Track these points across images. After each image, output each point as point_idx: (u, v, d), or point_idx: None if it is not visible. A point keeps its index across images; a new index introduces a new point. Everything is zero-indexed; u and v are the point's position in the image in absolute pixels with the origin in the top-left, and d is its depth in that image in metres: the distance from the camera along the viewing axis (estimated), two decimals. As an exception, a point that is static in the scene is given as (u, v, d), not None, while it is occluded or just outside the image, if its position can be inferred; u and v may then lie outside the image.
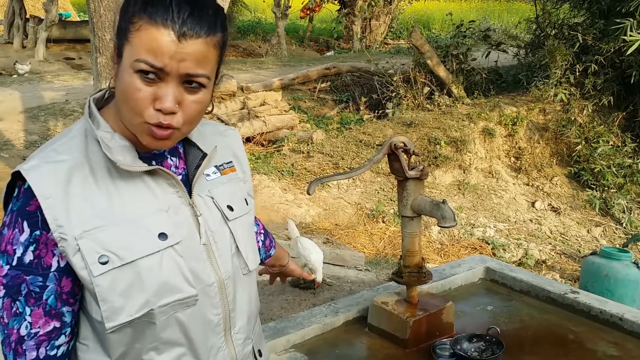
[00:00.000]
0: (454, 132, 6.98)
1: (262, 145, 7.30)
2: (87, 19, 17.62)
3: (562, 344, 2.37)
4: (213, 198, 1.15)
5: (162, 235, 1.05)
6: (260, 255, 1.59)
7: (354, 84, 9.92)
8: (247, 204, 1.23)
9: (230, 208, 1.17)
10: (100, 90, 1.13)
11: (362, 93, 9.42)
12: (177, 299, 1.06)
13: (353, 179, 6.19)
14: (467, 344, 2.28)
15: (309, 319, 2.40)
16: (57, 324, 1.03)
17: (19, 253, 0.99)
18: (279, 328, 2.30)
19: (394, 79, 8.36)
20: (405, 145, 2.19)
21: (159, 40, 0.96)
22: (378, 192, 6.15)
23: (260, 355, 1.30)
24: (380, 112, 8.19)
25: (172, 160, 1.14)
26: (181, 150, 1.17)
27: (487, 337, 2.28)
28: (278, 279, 1.84)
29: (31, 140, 7.06)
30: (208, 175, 1.16)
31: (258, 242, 1.61)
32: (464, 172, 6.83)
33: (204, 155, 1.15)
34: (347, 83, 9.97)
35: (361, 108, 8.35)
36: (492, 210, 6.40)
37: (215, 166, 1.19)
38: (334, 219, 5.53)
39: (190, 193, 1.12)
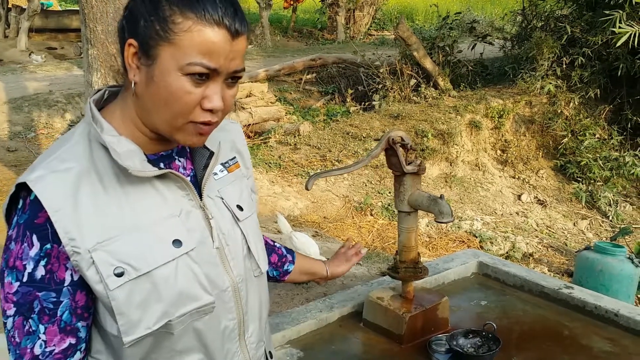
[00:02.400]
0: (441, 124, 6.97)
1: (249, 137, 7.23)
2: (68, 8, 17.37)
3: (557, 339, 2.36)
4: (222, 198, 1.11)
5: (177, 242, 1.00)
6: (269, 273, 1.54)
7: (339, 75, 9.87)
8: (252, 201, 1.19)
9: (240, 208, 1.13)
10: (98, 91, 1.07)
11: (348, 85, 9.37)
12: (194, 307, 1.02)
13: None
14: (463, 340, 2.26)
15: (304, 315, 2.37)
16: (73, 341, 0.99)
17: (29, 268, 0.94)
18: (274, 323, 2.27)
19: (381, 70, 8.32)
20: (403, 139, 2.16)
21: (215, 41, 0.92)
22: (366, 185, 6.13)
23: (272, 357, 1.27)
24: (366, 104, 8.15)
25: (179, 161, 1.09)
26: (187, 150, 1.12)
27: (484, 333, 2.27)
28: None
29: (15, 131, 6.94)
30: (215, 174, 1.11)
31: None
32: (450, 165, 6.83)
33: (211, 153, 1.10)
34: (332, 74, 9.92)
35: (347, 100, 8.31)
36: (478, 203, 6.41)
37: (221, 164, 1.14)
38: (322, 212, 5.50)
39: (200, 195, 1.08)
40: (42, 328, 0.95)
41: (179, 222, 1.02)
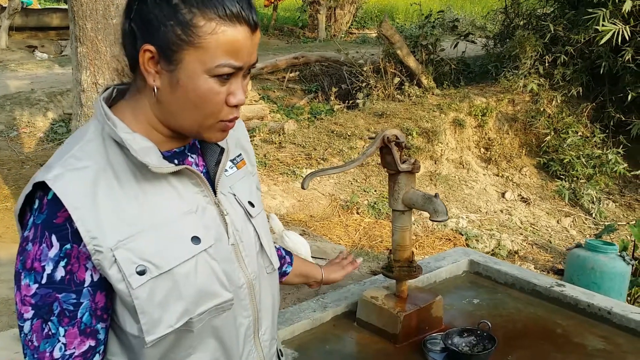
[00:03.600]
0: (425, 122, 6.99)
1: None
2: (48, 7, 17.14)
3: (551, 338, 2.36)
4: (235, 195, 1.10)
5: (195, 239, 0.98)
6: None
7: (322, 73, 9.85)
8: (260, 198, 1.19)
9: (252, 204, 1.12)
10: (107, 89, 1.05)
11: (331, 83, 9.36)
12: (214, 304, 1.00)
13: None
14: (458, 339, 2.26)
15: (297, 314, 2.36)
16: (93, 343, 0.96)
17: (48, 270, 0.91)
18: (267, 325, 2.24)
19: (364, 69, 8.32)
20: (397, 138, 2.15)
21: (239, 38, 0.92)
22: (351, 184, 6.12)
23: (282, 355, 1.26)
24: (350, 102, 8.14)
25: (192, 157, 1.07)
26: (198, 146, 1.10)
27: (478, 332, 2.27)
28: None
29: (-3, 130, 6.84)
30: (226, 170, 1.10)
31: None
32: (435, 163, 6.85)
33: (222, 149, 1.08)
34: (315, 73, 9.89)
35: (331, 98, 8.30)
36: (463, 201, 6.43)
37: (230, 160, 1.13)
38: (309, 211, 5.48)
39: (214, 191, 1.06)
40: (62, 331, 0.93)
41: (196, 218, 1.01)
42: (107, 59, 3.08)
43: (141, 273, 0.93)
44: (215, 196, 1.05)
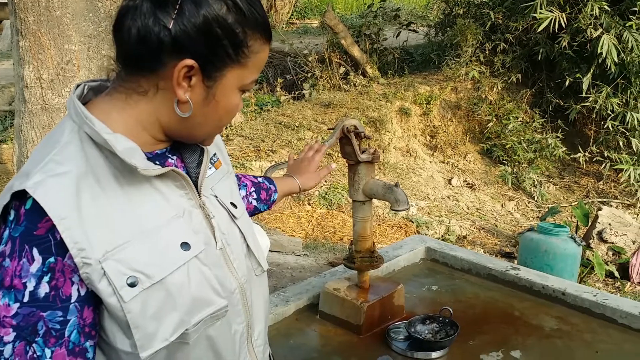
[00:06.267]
0: (372, 112, 7.03)
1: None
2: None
3: (509, 321, 2.41)
4: (217, 196, 1.05)
5: (185, 245, 0.93)
6: (262, 208, 1.66)
7: (266, 64, 9.75)
8: (241, 198, 1.15)
9: (234, 205, 1.07)
10: (78, 86, 0.98)
11: (276, 74, 9.29)
12: (209, 313, 0.96)
13: (272, 162, 6.10)
14: (421, 326, 2.28)
15: (260, 311, 2.32)
16: None
17: (30, 287, 0.83)
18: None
19: (309, 59, 8.29)
20: (356, 128, 2.15)
21: (266, 55, 0.96)
22: (301, 175, 6.09)
23: (273, 359, 1.23)
24: (296, 93, 8.11)
25: (172, 159, 1.02)
26: (177, 147, 1.05)
27: (440, 318, 2.29)
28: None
29: None
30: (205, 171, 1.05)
31: (251, 203, 1.61)
32: (383, 152, 6.90)
33: (202, 150, 1.04)
34: (259, 64, 9.80)
35: (277, 89, 8.24)
36: (412, 189, 6.51)
37: (209, 160, 1.08)
38: (260, 204, 5.43)
39: (198, 193, 1.01)
40: (48, 352, 0.85)
41: (184, 223, 0.96)
42: (51, 52, 2.94)
43: (132, 285, 0.87)
44: (200, 199, 1.01)
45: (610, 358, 2.16)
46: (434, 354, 2.15)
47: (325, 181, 5.99)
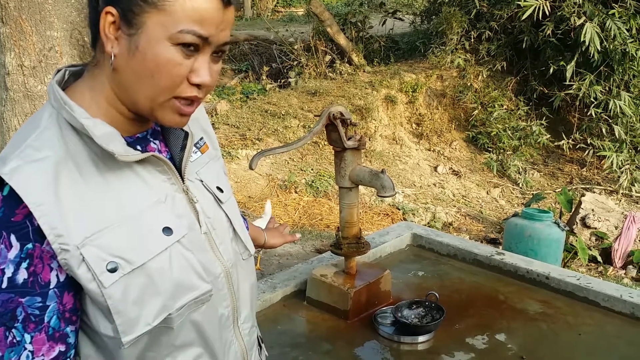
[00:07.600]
0: (358, 100, 7.04)
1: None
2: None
3: (494, 305, 2.45)
4: (202, 181, 1.04)
5: (167, 230, 0.93)
6: None
7: (252, 52, 9.73)
8: (228, 182, 1.15)
9: (220, 189, 1.07)
10: (58, 71, 0.96)
11: (262, 62, 9.27)
12: (192, 297, 0.95)
13: (258, 150, 6.10)
14: (407, 311, 2.31)
15: (247, 297, 2.34)
16: (62, 348, 0.89)
17: (9, 273, 0.83)
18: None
19: (295, 47, 8.27)
20: (342, 115, 2.15)
21: (207, 7, 0.86)
22: (288, 163, 6.10)
23: (262, 342, 1.24)
24: (282, 81, 8.09)
25: (154, 143, 1.01)
26: (160, 131, 1.04)
27: (427, 303, 2.32)
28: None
29: None
30: (190, 156, 1.05)
31: None
32: (369, 140, 6.91)
33: (186, 134, 1.03)
34: (245, 52, 9.76)
35: (263, 77, 8.22)
36: (398, 177, 6.54)
37: (194, 145, 1.08)
38: (247, 192, 5.43)
39: (182, 178, 1.01)
40: (28, 337, 0.85)
41: (166, 208, 0.95)
42: (32, 39, 2.90)
43: (112, 270, 0.87)
44: (183, 183, 1.01)
45: (593, 340, 2.20)
46: (421, 338, 2.18)
47: (312, 169, 6.00)
